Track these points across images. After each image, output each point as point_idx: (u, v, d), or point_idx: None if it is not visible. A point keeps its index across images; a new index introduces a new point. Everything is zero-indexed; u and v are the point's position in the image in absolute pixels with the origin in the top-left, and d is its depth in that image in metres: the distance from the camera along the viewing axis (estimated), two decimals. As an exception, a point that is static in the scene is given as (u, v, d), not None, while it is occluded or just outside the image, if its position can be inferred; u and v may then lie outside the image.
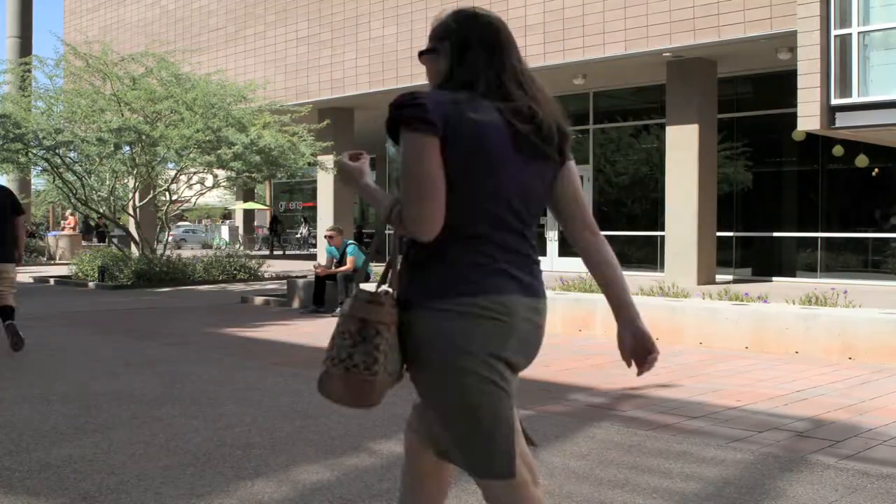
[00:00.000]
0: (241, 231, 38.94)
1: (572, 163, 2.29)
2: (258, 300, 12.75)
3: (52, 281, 17.17)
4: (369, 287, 2.28)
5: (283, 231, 35.25)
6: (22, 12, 31.56)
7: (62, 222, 36.09)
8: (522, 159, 2.14)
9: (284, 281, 14.47)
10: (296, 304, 12.02)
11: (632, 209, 18.19)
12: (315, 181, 23.41)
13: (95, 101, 16.03)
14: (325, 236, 11.83)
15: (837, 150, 15.16)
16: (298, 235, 35.57)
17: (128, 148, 16.51)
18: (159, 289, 15.54)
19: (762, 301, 8.57)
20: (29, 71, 17.16)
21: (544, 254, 19.15)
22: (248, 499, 3.53)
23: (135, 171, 16.99)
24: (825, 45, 11.40)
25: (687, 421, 4.91)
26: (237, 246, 32.53)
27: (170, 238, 20.26)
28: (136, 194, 18.09)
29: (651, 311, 8.38)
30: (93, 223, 32.62)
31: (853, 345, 7.14)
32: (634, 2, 14.54)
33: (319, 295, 11.43)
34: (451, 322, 2.07)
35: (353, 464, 4.03)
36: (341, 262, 11.35)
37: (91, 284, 15.93)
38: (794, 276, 15.92)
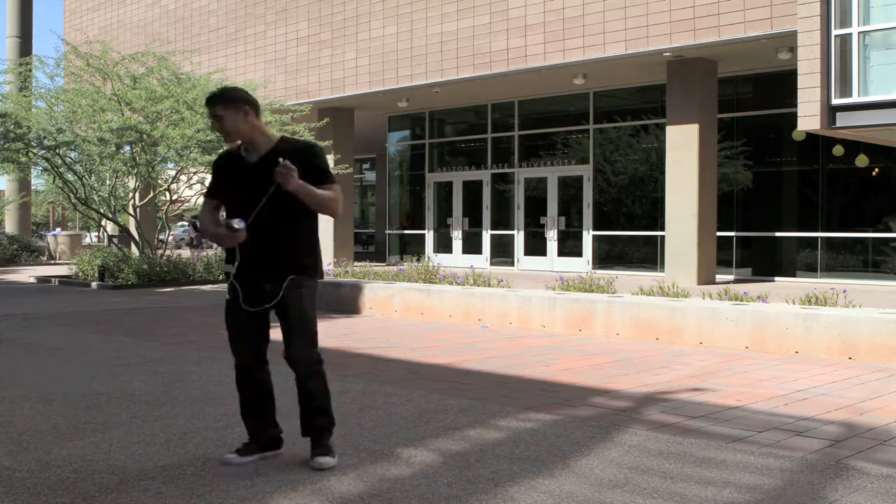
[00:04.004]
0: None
1: None
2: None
3: (54, 281, 17.17)
4: None
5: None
6: (22, 12, 31.55)
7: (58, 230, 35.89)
8: None
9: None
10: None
11: (632, 209, 18.19)
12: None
13: (96, 101, 16.03)
14: None
15: (837, 150, 15.16)
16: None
17: (128, 147, 16.52)
18: (161, 288, 15.55)
19: (762, 301, 8.57)
20: (30, 71, 17.17)
21: (544, 254, 19.16)
22: (247, 498, 3.53)
23: (135, 171, 17.00)
24: (825, 45, 11.40)
25: (687, 420, 4.91)
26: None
27: (170, 238, 20.27)
28: (137, 194, 18.10)
29: (651, 311, 8.39)
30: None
31: (853, 345, 7.14)
32: (634, 2, 14.54)
33: None
34: None
35: (352, 464, 4.04)
36: None
37: (94, 284, 15.93)
38: (794, 276, 15.92)
